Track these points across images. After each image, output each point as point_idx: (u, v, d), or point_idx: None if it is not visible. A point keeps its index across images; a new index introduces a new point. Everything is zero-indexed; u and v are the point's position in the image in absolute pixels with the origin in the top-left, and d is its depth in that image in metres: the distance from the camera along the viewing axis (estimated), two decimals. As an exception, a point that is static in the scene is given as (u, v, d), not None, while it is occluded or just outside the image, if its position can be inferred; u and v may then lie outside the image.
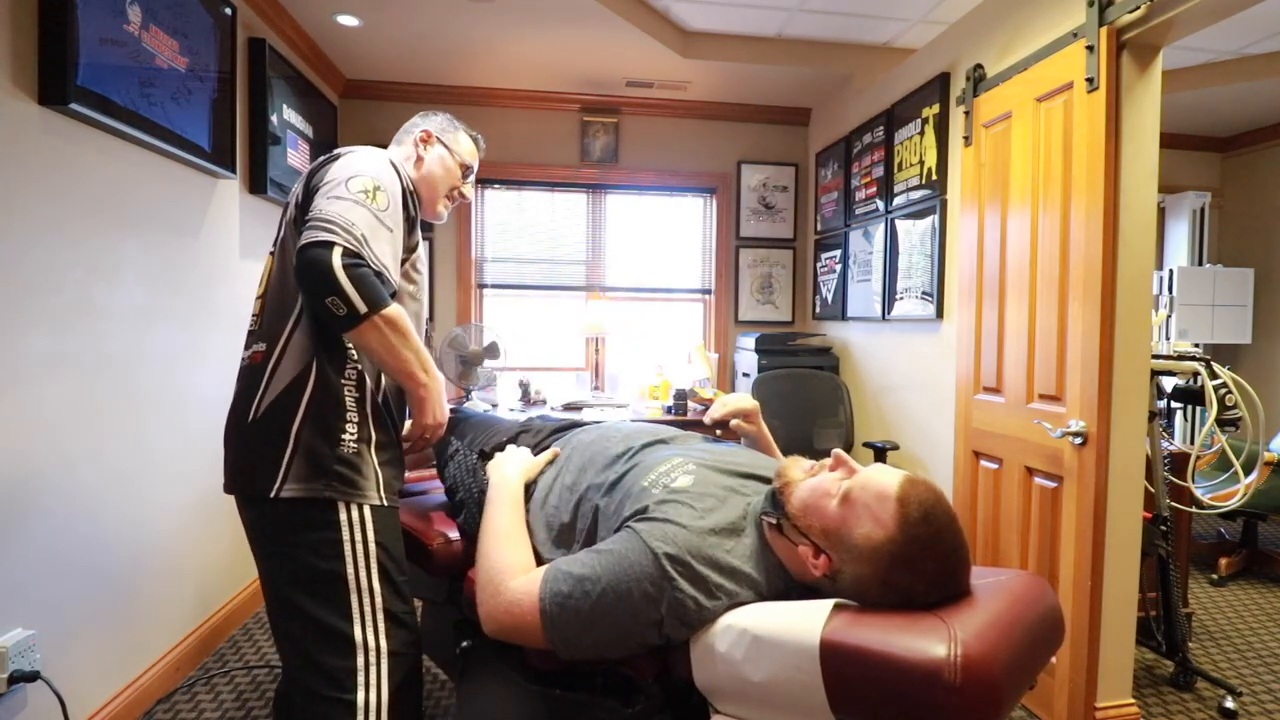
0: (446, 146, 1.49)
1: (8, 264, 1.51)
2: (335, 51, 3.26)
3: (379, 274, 1.16)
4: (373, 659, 1.18)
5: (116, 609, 1.91)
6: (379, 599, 1.20)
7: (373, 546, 1.22)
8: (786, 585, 1.05)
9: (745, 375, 3.62)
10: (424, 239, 1.47)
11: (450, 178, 1.50)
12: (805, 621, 0.91)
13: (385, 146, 1.44)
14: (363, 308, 1.12)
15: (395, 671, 1.20)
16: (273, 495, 1.17)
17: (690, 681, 1.00)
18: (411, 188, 1.34)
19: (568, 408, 3.48)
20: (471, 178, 1.57)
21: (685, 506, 1.06)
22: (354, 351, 1.26)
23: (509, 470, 1.33)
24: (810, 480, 1.05)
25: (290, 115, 2.88)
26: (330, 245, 1.10)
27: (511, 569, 1.10)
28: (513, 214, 3.94)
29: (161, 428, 2.10)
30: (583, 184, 3.95)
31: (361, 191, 1.19)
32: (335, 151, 1.30)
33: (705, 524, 1.04)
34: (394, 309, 1.16)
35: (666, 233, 4.09)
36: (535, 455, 1.40)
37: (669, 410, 3.49)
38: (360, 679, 1.16)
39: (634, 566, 0.98)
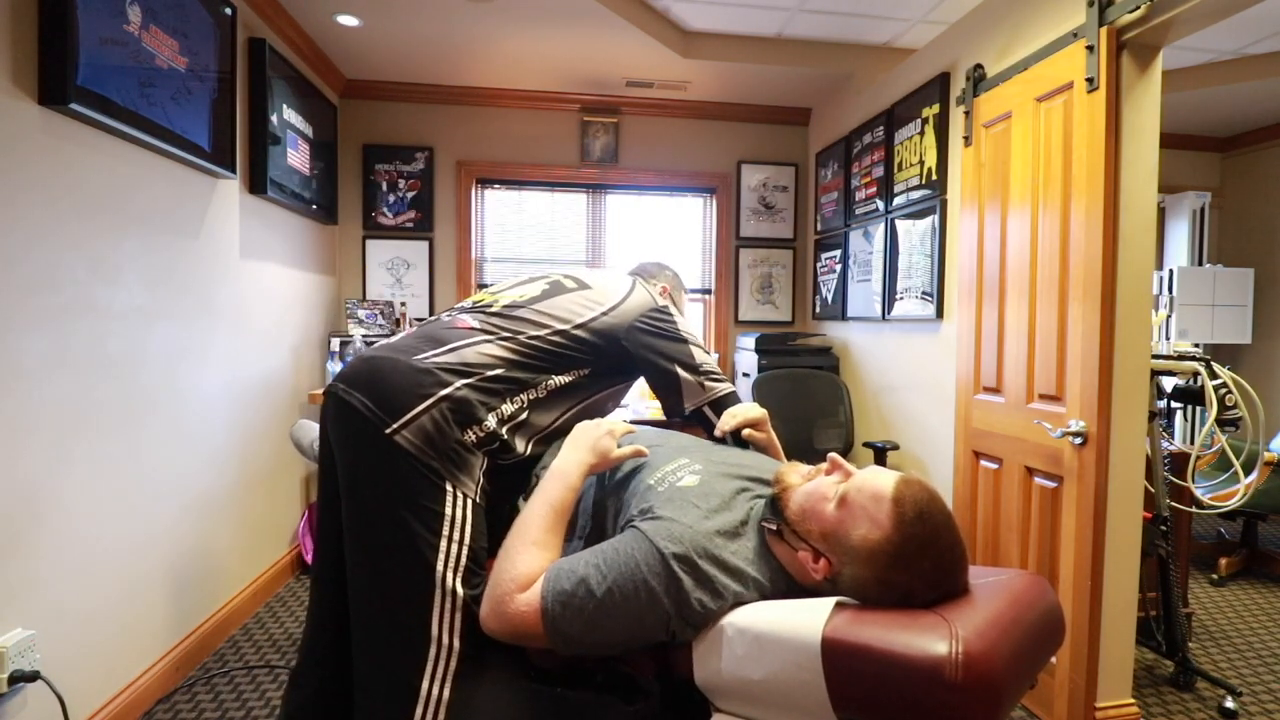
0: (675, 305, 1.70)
1: (8, 264, 1.51)
2: (335, 51, 3.26)
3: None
4: (444, 654, 1.14)
5: (116, 609, 1.91)
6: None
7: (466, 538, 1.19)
8: (789, 588, 1.05)
9: (745, 375, 3.62)
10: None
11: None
12: (806, 619, 0.91)
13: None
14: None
15: (461, 676, 1.16)
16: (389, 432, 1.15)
17: (691, 679, 1.00)
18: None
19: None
20: None
21: (691, 506, 1.06)
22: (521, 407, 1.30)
23: (579, 457, 1.21)
24: (807, 485, 1.07)
25: (290, 115, 2.88)
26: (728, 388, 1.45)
27: (526, 581, 1.05)
28: (513, 214, 3.94)
29: (161, 427, 2.10)
30: (583, 184, 3.95)
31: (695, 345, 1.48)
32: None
33: (711, 525, 1.04)
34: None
35: (666, 233, 4.09)
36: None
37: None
38: (429, 669, 1.13)
39: (640, 566, 0.98)
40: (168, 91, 2.01)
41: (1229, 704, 2.07)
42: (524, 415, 1.30)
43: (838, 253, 3.60)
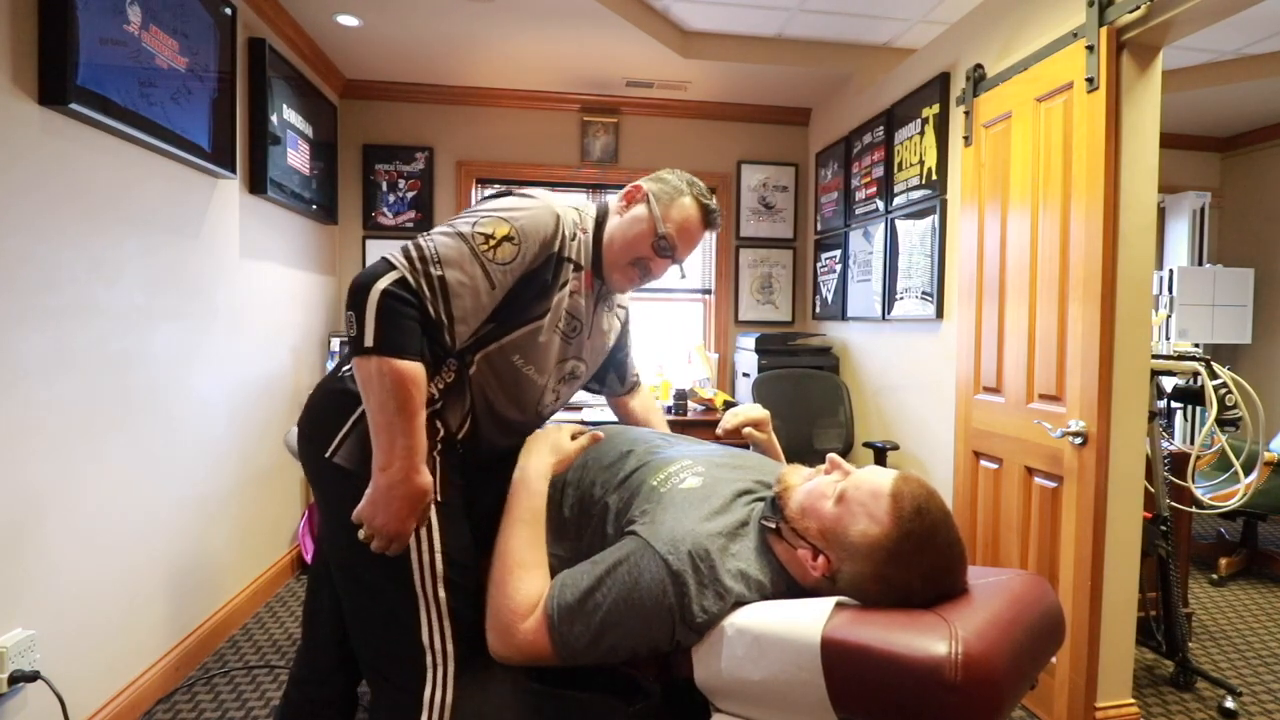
0: (650, 208, 1.29)
1: (8, 265, 1.51)
2: (335, 51, 3.26)
3: (435, 324, 1.09)
4: (439, 659, 1.13)
5: (117, 609, 1.91)
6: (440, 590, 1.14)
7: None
8: (789, 587, 1.06)
9: (745, 375, 3.62)
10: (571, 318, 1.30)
11: (635, 245, 1.29)
12: (806, 619, 0.91)
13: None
14: (369, 340, 1.03)
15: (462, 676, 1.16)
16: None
17: (691, 680, 1.00)
18: (569, 253, 1.24)
19: (567, 407, 3.48)
20: (676, 262, 1.33)
21: (693, 509, 1.06)
22: (450, 369, 1.21)
23: (536, 462, 1.21)
24: (806, 484, 1.07)
25: (290, 115, 2.88)
26: (391, 268, 1.06)
27: (526, 608, 1.04)
28: (513, 214, 3.93)
29: (161, 427, 2.10)
30: (583, 184, 3.94)
31: (480, 232, 1.12)
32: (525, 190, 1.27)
33: (713, 526, 1.04)
34: (408, 367, 1.05)
35: (666, 233, 4.08)
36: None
37: (669, 410, 3.48)
38: (430, 676, 1.12)
39: (644, 575, 0.98)
40: (168, 91, 2.01)
41: (1229, 704, 2.07)
42: (448, 394, 1.23)
43: (838, 253, 3.59)
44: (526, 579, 1.08)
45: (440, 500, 1.16)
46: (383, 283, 1.04)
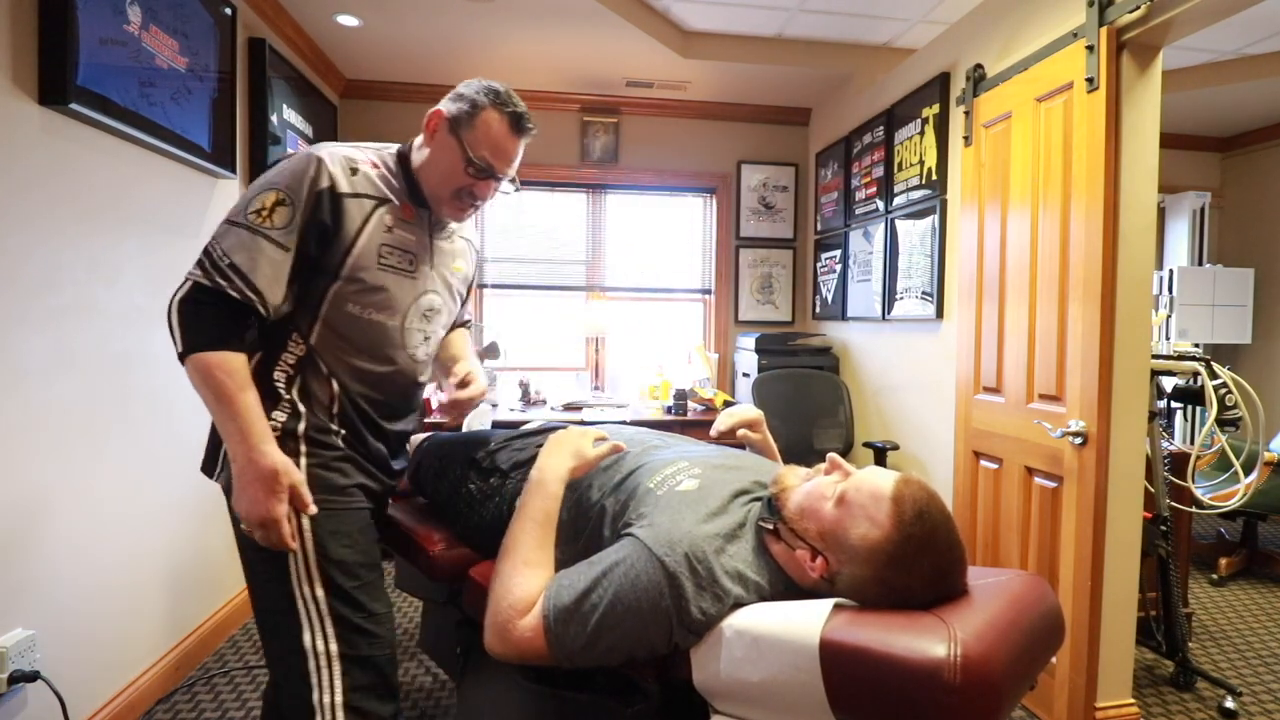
0: (454, 133, 1.23)
1: (8, 265, 1.51)
2: (335, 51, 3.26)
3: (246, 306, 1.10)
4: (324, 662, 1.15)
5: (117, 609, 1.91)
6: (324, 605, 1.16)
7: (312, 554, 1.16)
8: (786, 588, 1.05)
9: (745, 375, 3.61)
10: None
11: (451, 176, 1.23)
12: (805, 621, 0.91)
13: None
14: (179, 348, 1.08)
15: (351, 674, 1.16)
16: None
17: (689, 681, 1.00)
18: (348, 189, 1.19)
19: (568, 408, 3.48)
20: (498, 180, 1.26)
21: (689, 511, 1.06)
22: (297, 343, 1.20)
23: (556, 464, 1.20)
24: (806, 485, 1.07)
25: (290, 115, 2.88)
26: (187, 281, 1.10)
27: (524, 606, 1.04)
28: (513, 214, 3.94)
29: (161, 427, 2.10)
30: (583, 184, 3.95)
31: (252, 211, 1.13)
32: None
33: (710, 529, 1.04)
34: (211, 356, 1.07)
35: (666, 233, 4.09)
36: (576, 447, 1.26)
37: (669, 410, 3.48)
38: (314, 680, 1.14)
39: (641, 577, 0.97)
40: (168, 91, 2.01)
41: (1229, 704, 2.07)
42: (303, 370, 1.21)
43: (838, 253, 3.59)
44: (530, 577, 1.08)
45: (314, 497, 1.15)
46: (177, 295, 1.09)
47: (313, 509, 1.14)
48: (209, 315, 1.09)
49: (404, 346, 1.28)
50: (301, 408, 1.19)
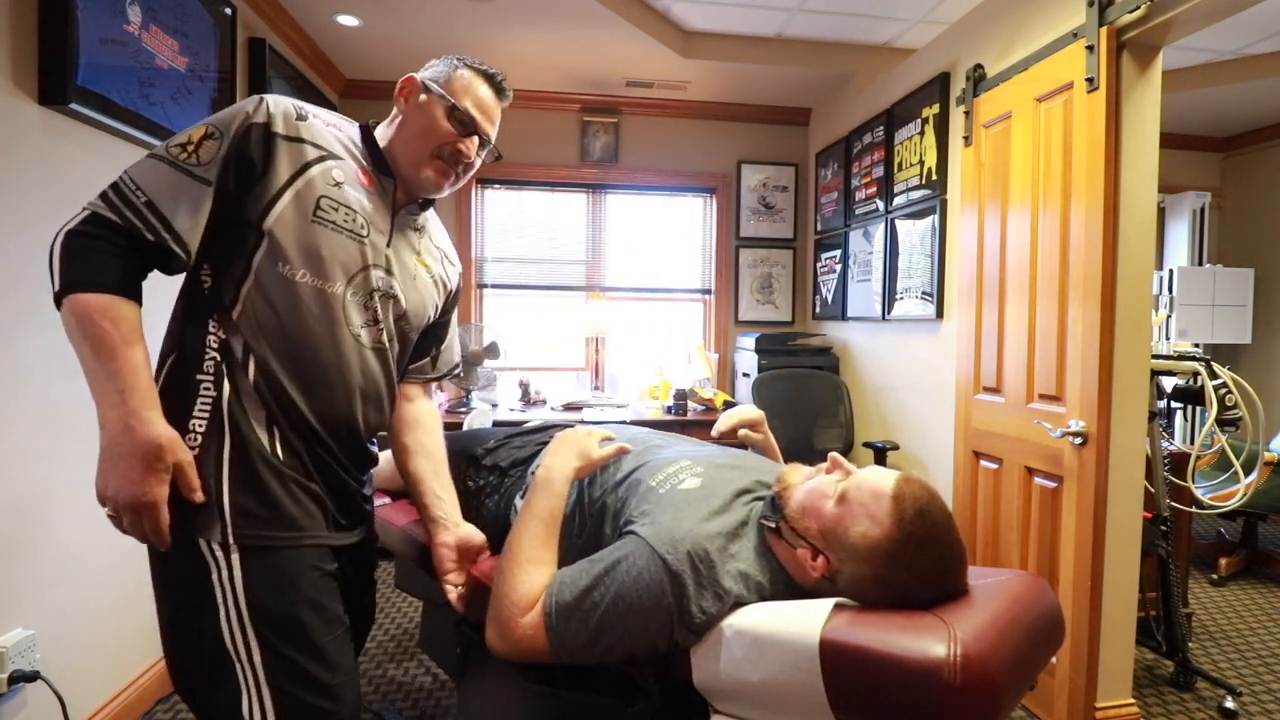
0: (431, 90, 1.13)
1: (9, 265, 1.51)
2: (335, 51, 3.26)
3: (158, 248, 0.96)
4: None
5: (116, 609, 1.91)
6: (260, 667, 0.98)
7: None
8: (787, 588, 1.05)
9: (745, 375, 3.61)
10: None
11: (431, 132, 1.12)
12: (805, 621, 0.91)
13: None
14: (56, 286, 0.90)
15: None
16: None
17: (690, 681, 1.00)
18: (285, 131, 1.04)
19: (568, 408, 3.48)
20: (477, 135, 1.15)
21: (691, 509, 1.06)
22: (216, 331, 1.04)
23: (562, 463, 1.18)
24: (807, 483, 1.07)
25: (290, 115, 2.88)
26: (83, 210, 0.93)
27: (526, 603, 1.03)
28: (513, 214, 3.94)
29: (161, 428, 2.10)
30: (583, 184, 3.94)
31: (176, 145, 0.99)
32: None
33: (712, 527, 1.04)
34: (95, 298, 0.90)
35: (666, 233, 4.09)
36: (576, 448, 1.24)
37: (669, 410, 3.48)
38: None
39: (643, 575, 0.98)
40: (168, 91, 2.01)
41: (1229, 704, 2.07)
42: (225, 357, 1.05)
43: (838, 253, 3.59)
44: (533, 574, 1.07)
45: (241, 531, 0.98)
46: (66, 227, 0.92)
47: (199, 495, 0.96)
48: (102, 251, 0.92)
49: (345, 324, 1.08)
50: (226, 412, 1.02)
